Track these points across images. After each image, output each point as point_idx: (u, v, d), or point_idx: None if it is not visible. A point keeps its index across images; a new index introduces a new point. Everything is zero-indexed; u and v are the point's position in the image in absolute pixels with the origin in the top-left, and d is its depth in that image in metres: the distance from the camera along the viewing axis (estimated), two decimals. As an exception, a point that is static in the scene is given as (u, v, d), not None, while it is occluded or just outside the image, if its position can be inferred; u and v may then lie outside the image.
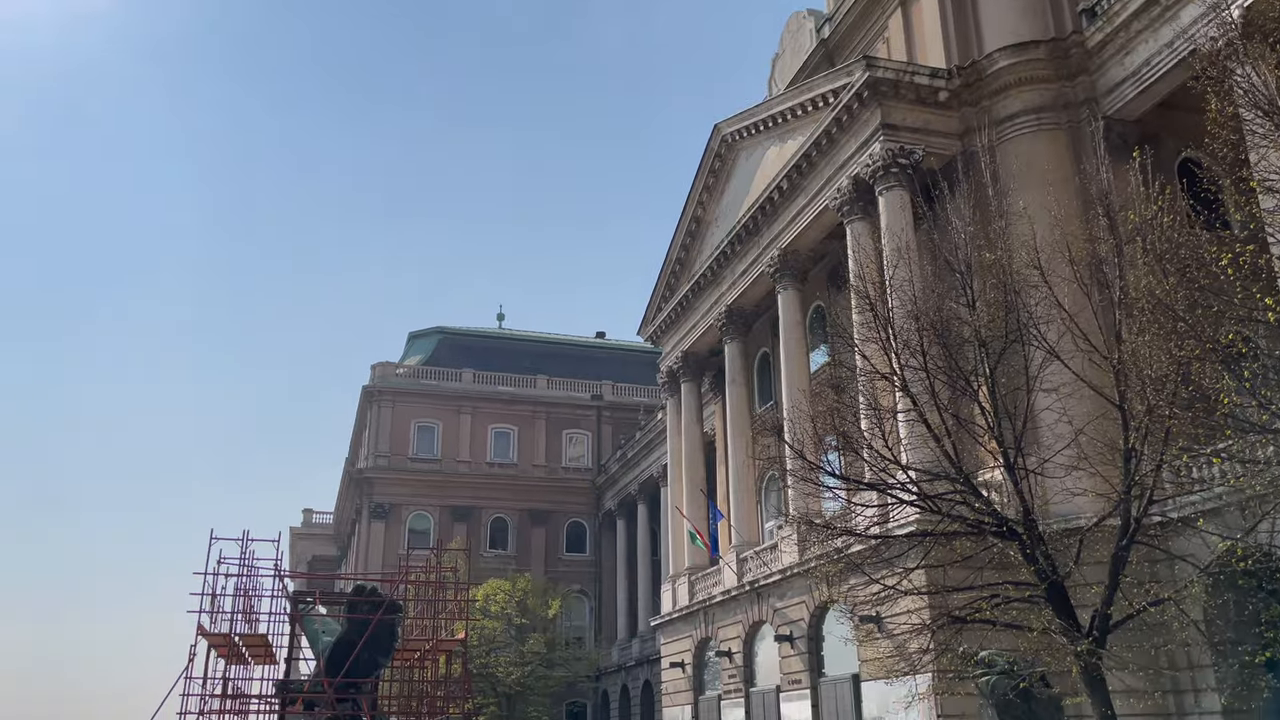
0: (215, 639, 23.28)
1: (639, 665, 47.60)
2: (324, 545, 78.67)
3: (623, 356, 67.19)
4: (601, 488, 58.64)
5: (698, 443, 38.25)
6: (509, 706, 44.18)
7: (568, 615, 53.64)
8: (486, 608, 42.59)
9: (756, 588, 29.84)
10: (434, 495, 57.18)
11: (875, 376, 18.09)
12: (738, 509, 33.15)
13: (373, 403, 58.95)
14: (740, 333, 35.43)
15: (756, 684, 30.23)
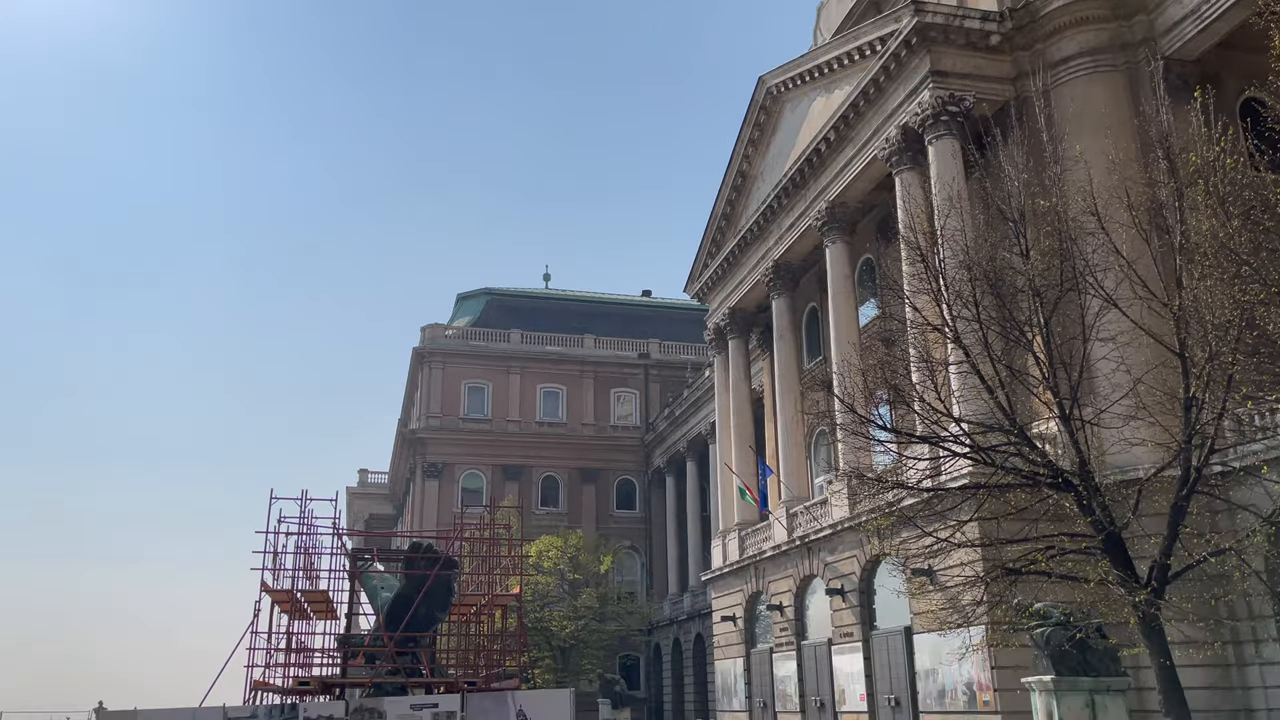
0: (278, 595, 23.96)
1: (690, 619, 48.09)
2: (380, 504, 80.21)
3: (669, 314, 67.12)
4: (650, 445, 58.94)
5: (746, 399, 38.22)
6: (564, 659, 44.96)
7: (619, 570, 54.28)
8: (540, 564, 43.21)
9: (807, 542, 29.91)
10: (485, 454, 57.91)
11: (927, 328, 17.89)
12: (787, 464, 33.15)
13: (423, 364, 59.65)
14: (788, 288, 35.18)
15: (808, 637, 30.42)
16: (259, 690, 22.88)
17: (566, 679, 42.06)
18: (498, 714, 20.13)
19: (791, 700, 30.50)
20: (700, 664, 46.25)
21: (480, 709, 20.17)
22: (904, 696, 24.63)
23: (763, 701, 32.59)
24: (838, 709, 27.76)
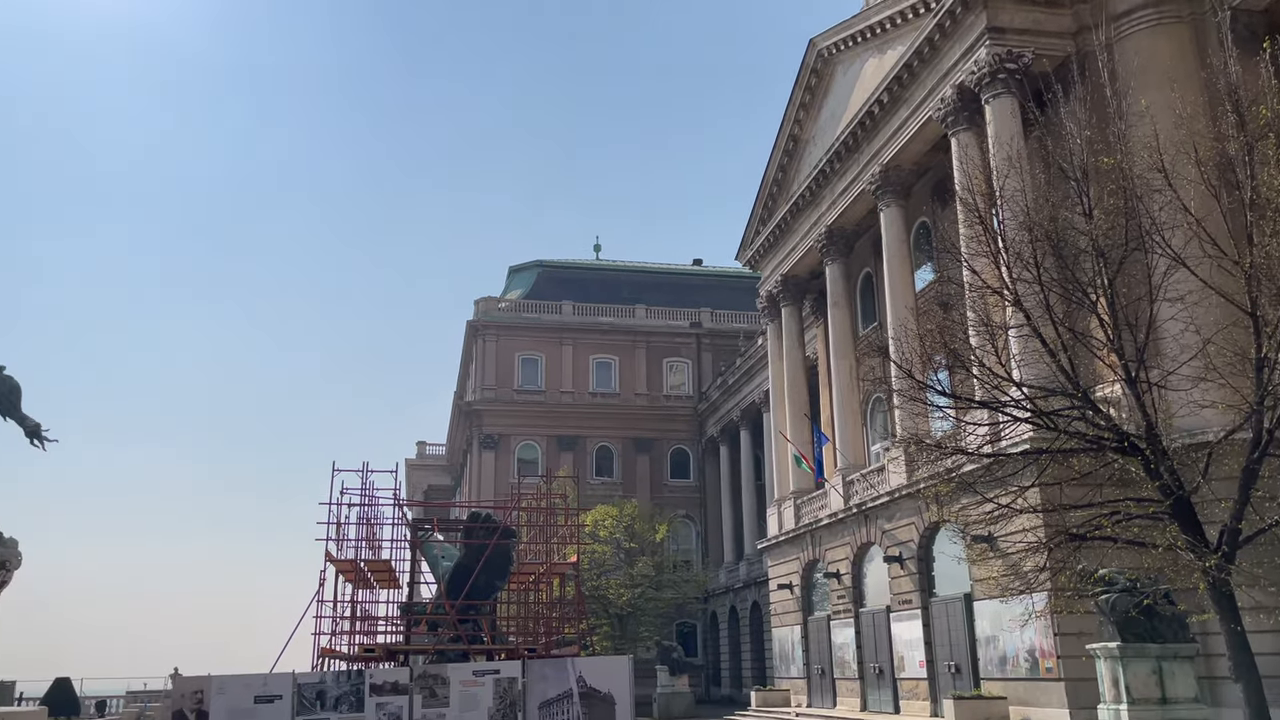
0: (342, 565, 24.49)
1: (746, 587, 48.22)
2: (438, 475, 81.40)
3: (720, 283, 66.78)
4: (703, 415, 58.92)
5: (800, 367, 37.97)
6: (621, 626, 45.40)
7: (675, 539, 54.51)
8: (596, 532, 43.56)
9: (864, 510, 29.75)
10: (540, 425, 58.39)
11: (986, 292, 17.54)
12: (842, 432, 32.93)
13: (477, 337, 60.17)
14: (841, 253, 34.76)
15: (866, 604, 30.33)
16: (326, 657, 23.46)
17: (624, 646, 42.49)
18: (558, 680, 20.41)
19: (850, 667, 30.49)
20: (757, 631, 46.40)
21: (541, 675, 20.48)
22: (964, 663, 24.48)
23: (820, 668, 32.63)
24: (897, 675, 27.69)
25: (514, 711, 19.85)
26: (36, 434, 24.10)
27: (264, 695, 18.82)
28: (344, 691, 19.32)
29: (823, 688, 32.42)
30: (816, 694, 32.85)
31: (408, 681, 19.73)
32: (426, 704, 19.49)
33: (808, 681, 33.62)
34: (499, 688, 19.99)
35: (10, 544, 23.12)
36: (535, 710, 20.08)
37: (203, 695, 18.63)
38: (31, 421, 24.12)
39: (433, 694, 19.63)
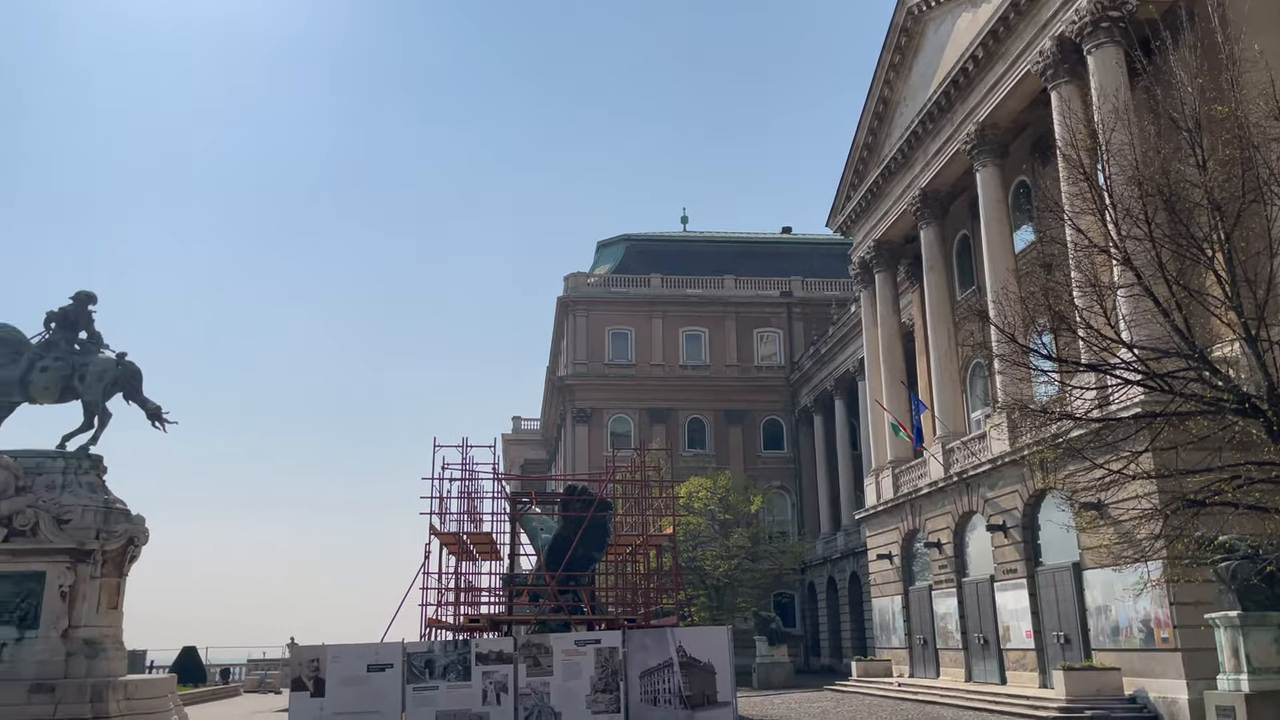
0: (446, 537, 25.15)
1: (844, 558, 47.82)
2: (533, 449, 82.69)
3: (811, 250, 65.86)
4: (796, 385, 58.40)
5: (895, 334, 37.29)
6: (718, 597, 45.55)
7: (770, 510, 54.31)
8: (690, 504, 43.69)
9: (965, 478, 29.14)
10: (631, 399, 58.68)
11: (1092, 251, 16.89)
12: (941, 399, 32.26)
13: (568, 313, 60.69)
14: (936, 216, 33.91)
15: (968, 574, 29.78)
16: (433, 627, 24.19)
17: (722, 617, 42.64)
18: (658, 650, 20.65)
19: (953, 637, 30.02)
20: (856, 601, 46.04)
21: (641, 645, 20.74)
22: (1074, 634, 23.87)
23: (923, 638, 32.21)
24: (1002, 646, 27.16)
25: (616, 680, 20.17)
26: (158, 416, 25.28)
27: (376, 664, 19.53)
28: (451, 660, 19.91)
29: (925, 658, 32.02)
30: (919, 664, 32.47)
31: (512, 651, 20.22)
32: (531, 672, 19.95)
33: (909, 652, 33.25)
34: (600, 657, 20.33)
35: (138, 520, 24.37)
36: (637, 679, 20.37)
37: (319, 663, 19.42)
38: (152, 404, 25.30)
39: (536, 663, 20.08)
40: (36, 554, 22.43)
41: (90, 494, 23.77)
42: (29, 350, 25.03)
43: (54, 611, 22.13)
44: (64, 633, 22.10)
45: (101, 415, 24.97)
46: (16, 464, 23.30)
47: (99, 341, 25.83)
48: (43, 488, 23.27)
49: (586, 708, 19.87)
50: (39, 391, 24.73)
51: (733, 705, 20.53)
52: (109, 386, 24.95)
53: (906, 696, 28.47)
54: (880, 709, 25.18)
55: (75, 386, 24.86)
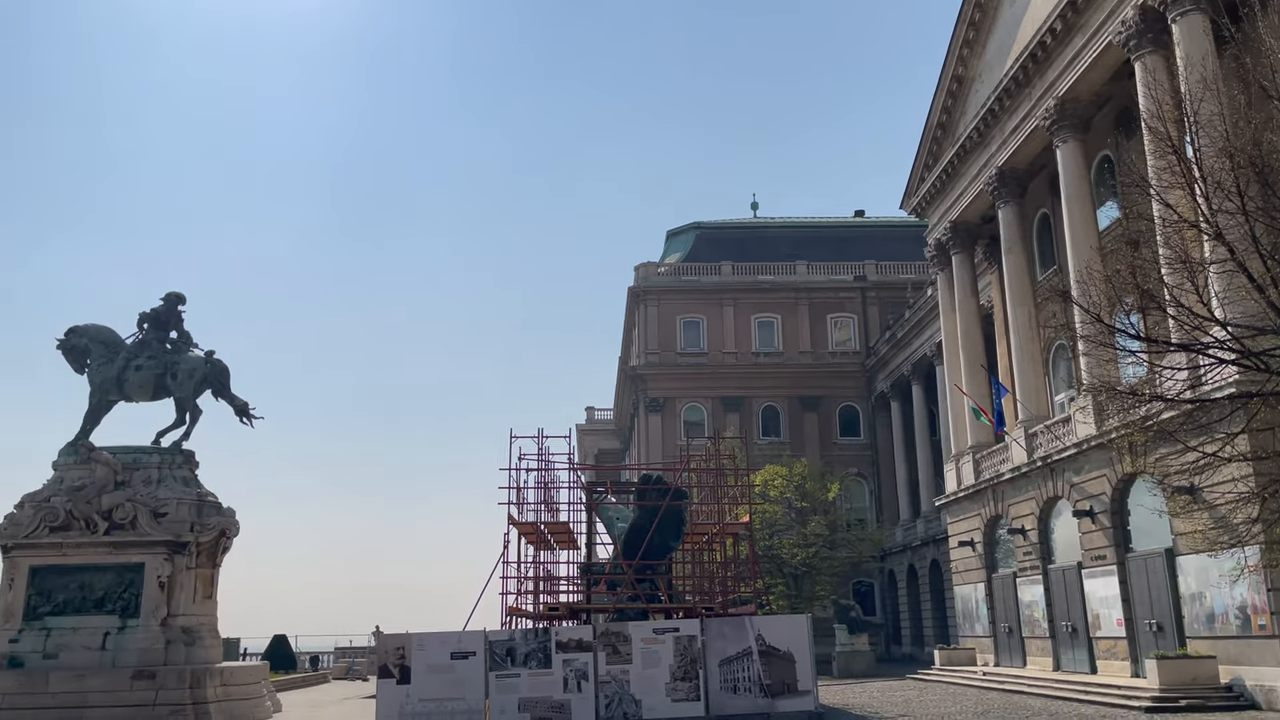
0: (523, 527, 25.42)
1: (924, 545, 47.10)
2: (607, 439, 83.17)
3: (884, 233, 64.82)
4: (872, 370, 57.63)
5: (974, 316, 36.52)
6: (796, 586, 45.27)
7: (847, 498, 53.73)
8: (766, 492, 43.44)
9: (1049, 463, 28.43)
10: (704, 387, 58.57)
11: (1182, 226, 16.29)
12: (1022, 382, 31.51)
13: (639, 302, 60.78)
14: (1014, 195, 33.07)
15: (1055, 560, 29.07)
16: (513, 615, 24.50)
17: (800, 605, 42.37)
18: (737, 638, 20.62)
19: (1040, 625, 29.37)
20: (937, 589, 45.33)
21: (720, 633, 20.73)
22: (1167, 621, 23.14)
23: (1008, 627, 31.58)
24: (1092, 634, 26.48)
25: (695, 668, 20.20)
26: (245, 412, 26.12)
27: (459, 651, 19.89)
28: (532, 648, 20.17)
29: (1010, 647, 31.38)
30: (1004, 653, 31.84)
31: (591, 639, 20.39)
32: (610, 660, 20.11)
33: (994, 640, 32.62)
34: (679, 645, 20.39)
35: (228, 513, 25.24)
36: (716, 667, 20.37)
37: (404, 651, 19.85)
38: (240, 401, 26.15)
39: (615, 651, 20.22)
40: (136, 546, 23.39)
41: (184, 488, 24.68)
42: (124, 350, 26.08)
43: (153, 601, 23.06)
44: (163, 621, 23.02)
45: (193, 412, 25.90)
46: (115, 460, 24.29)
47: (188, 340, 26.78)
48: (140, 482, 24.25)
49: (666, 695, 19.95)
50: (134, 390, 25.77)
51: (813, 694, 20.41)
52: (199, 384, 25.88)
53: (992, 686, 27.95)
54: (965, 699, 24.76)
55: (168, 384, 25.84)
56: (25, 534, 23.21)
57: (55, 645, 22.44)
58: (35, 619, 22.84)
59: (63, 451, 24.94)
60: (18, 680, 21.65)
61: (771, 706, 20.06)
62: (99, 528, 23.27)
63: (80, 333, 25.95)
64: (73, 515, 23.32)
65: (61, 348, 25.82)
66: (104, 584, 23.20)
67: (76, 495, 23.48)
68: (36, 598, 23.04)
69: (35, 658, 22.29)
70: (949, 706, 22.50)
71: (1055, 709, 21.28)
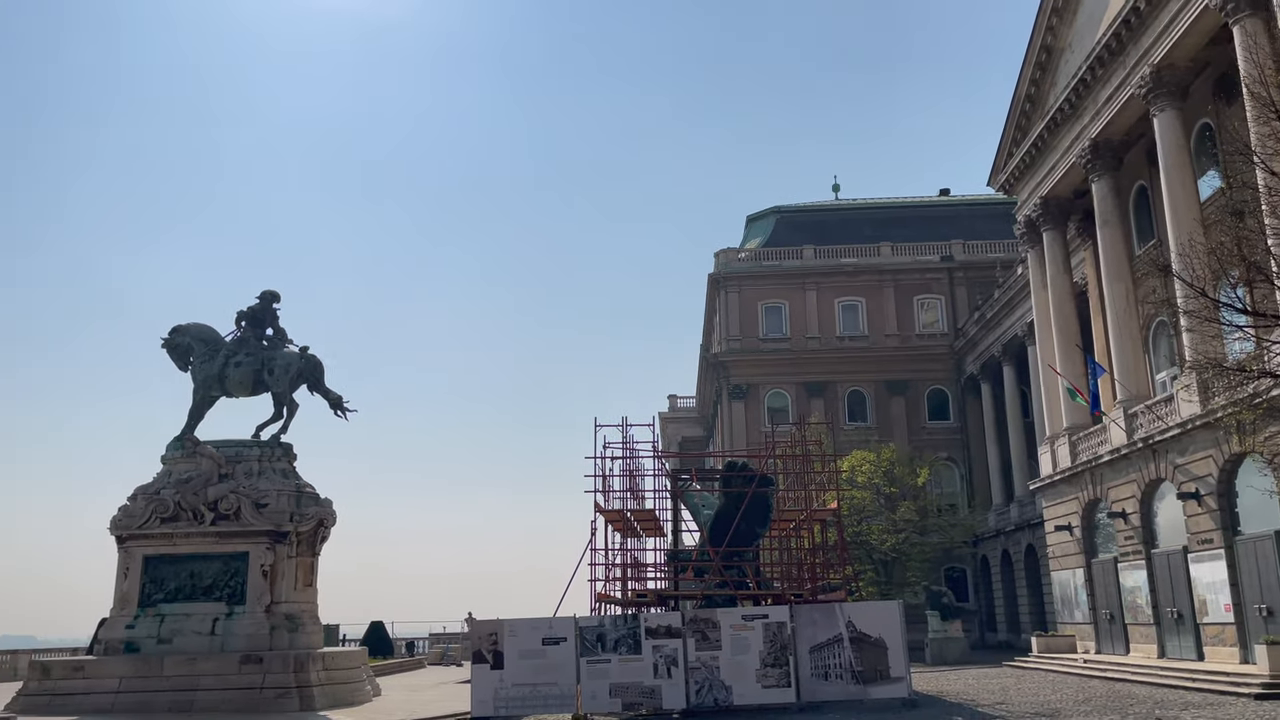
0: (610, 515, 25.63)
1: (1019, 530, 45.96)
2: (690, 427, 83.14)
3: (970, 212, 63.23)
4: (960, 352, 56.38)
5: (1067, 294, 35.42)
6: (886, 572, 44.67)
7: (937, 482, 52.73)
8: (853, 478, 42.91)
9: (1151, 444, 27.44)
10: (787, 373, 58.06)
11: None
12: (1121, 361, 30.45)
13: (719, 289, 60.52)
14: (1109, 167, 31.92)
15: (1158, 545, 28.08)
16: (602, 602, 24.73)
17: (890, 592, 41.81)
18: (827, 625, 20.45)
19: (1143, 612, 28.42)
20: (1033, 575, 44.21)
21: (810, 620, 20.59)
22: (1278, 606, 22.18)
23: (1109, 613, 30.63)
24: (1199, 620, 25.53)
25: (785, 655, 20.11)
26: (339, 405, 26.85)
27: (550, 637, 20.16)
28: (622, 634, 20.33)
29: (1112, 634, 30.44)
30: (1105, 640, 30.91)
31: (680, 625, 20.46)
32: (700, 646, 20.16)
33: (1094, 627, 31.68)
34: (769, 631, 20.32)
35: (326, 503, 26.00)
36: (806, 654, 20.25)
37: (497, 637, 20.21)
38: (334, 394, 26.88)
39: (704, 637, 20.26)
40: (240, 536, 24.29)
41: (283, 479, 25.50)
42: (224, 347, 27.04)
43: (257, 589, 23.92)
44: (267, 608, 23.87)
45: (289, 406, 26.72)
46: (219, 453, 25.24)
47: (284, 337, 27.62)
48: (242, 475, 25.15)
49: (757, 682, 19.92)
50: (234, 385, 26.70)
51: (907, 680, 20.14)
52: (295, 379, 26.69)
53: (1093, 674, 27.17)
54: (1065, 686, 24.13)
55: (265, 380, 26.71)
56: (138, 525, 24.30)
57: (168, 631, 23.46)
58: (149, 605, 23.92)
59: (170, 446, 25.99)
60: (134, 664, 22.71)
61: (864, 693, 19.86)
62: (205, 518, 24.22)
63: (183, 331, 26.95)
64: (181, 507, 24.31)
65: (166, 346, 26.86)
66: (211, 572, 24.15)
67: (184, 487, 24.47)
68: (150, 585, 24.12)
69: (150, 643, 23.34)
70: (1049, 695, 21.96)
71: (1160, 696, 20.59)
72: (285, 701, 21.69)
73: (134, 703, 21.80)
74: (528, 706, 19.67)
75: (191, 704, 21.69)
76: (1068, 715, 17.64)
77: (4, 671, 36.38)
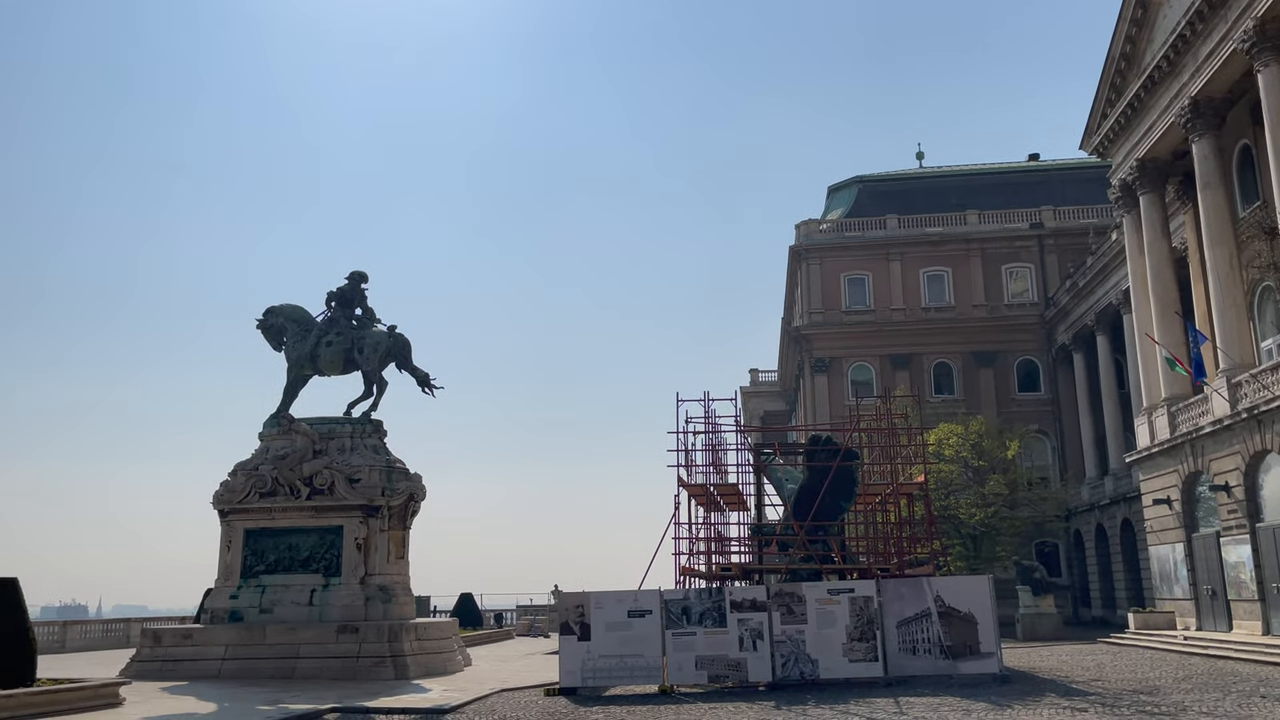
0: (693, 489, 25.70)
1: (1114, 504, 44.63)
2: (772, 401, 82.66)
3: (1061, 177, 61.18)
4: (1051, 322, 54.77)
5: (1165, 260, 34.08)
6: (975, 547, 43.90)
7: (1028, 455, 51.50)
8: (940, 451, 42.16)
9: (1256, 414, 26.33)
10: (871, 345, 57.20)
11: None
12: (1223, 329, 29.22)
13: (801, 261, 59.83)
14: (1211, 127, 30.51)
15: (1264, 519, 27.00)
16: (686, 575, 24.87)
17: (980, 567, 41.09)
18: (914, 599, 20.22)
19: (1248, 587, 27.40)
20: (1130, 550, 42.94)
21: (897, 594, 20.38)
22: (1398, 584, 21.15)
23: (1210, 589, 29.61)
24: (1308, 598, 24.51)
25: (872, 629, 19.96)
26: (426, 383, 27.44)
27: (636, 610, 20.35)
28: (707, 608, 20.41)
29: (1214, 610, 29.43)
30: (1206, 616, 29.90)
31: (765, 599, 20.45)
32: (785, 620, 20.12)
33: (1195, 603, 30.66)
34: (855, 606, 20.17)
35: (416, 478, 26.66)
36: (894, 629, 20.06)
37: (583, 609, 20.49)
38: (421, 372, 27.48)
39: (790, 611, 20.21)
40: (334, 510, 25.12)
41: (374, 455, 26.22)
42: (315, 328, 27.85)
43: (352, 561, 24.72)
44: (361, 580, 24.66)
45: (379, 383, 27.42)
46: (313, 430, 26.07)
47: (372, 316, 28.30)
48: (335, 451, 25.95)
49: (843, 655, 19.82)
50: (326, 365, 27.51)
51: (997, 656, 19.82)
52: (383, 357, 27.36)
53: (1194, 651, 26.33)
54: (1164, 664, 23.45)
55: (355, 358, 27.45)
56: (239, 500, 25.30)
57: (270, 601, 24.43)
58: (251, 577, 24.94)
59: (266, 423, 26.92)
60: (239, 633, 23.72)
61: (953, 668, 19.61)
62: (301, 493, 25.09)
63: (277, 313, 27.83)
64: (278, 482, 25.22)
65: (260, 327, 27.79)
66: (308, 545, 25.05)
67: (281, 464, 25.36)
68: (251, 558, 25.14)
69: (253, 612, 24.35)
70: (1147, 672, 21.37)
71: (1266, 675, 19.86)
72: (380, 670, 22.42)
73: (239, 669, 22.79)
74: (614, 677, 19.93)
75: (293, 670, 22.58)
76: (1167, 693, 17.15)
77: (118, 639, 38.35)
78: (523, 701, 18.48)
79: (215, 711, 16.60)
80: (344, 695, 18.74)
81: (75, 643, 36.63)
